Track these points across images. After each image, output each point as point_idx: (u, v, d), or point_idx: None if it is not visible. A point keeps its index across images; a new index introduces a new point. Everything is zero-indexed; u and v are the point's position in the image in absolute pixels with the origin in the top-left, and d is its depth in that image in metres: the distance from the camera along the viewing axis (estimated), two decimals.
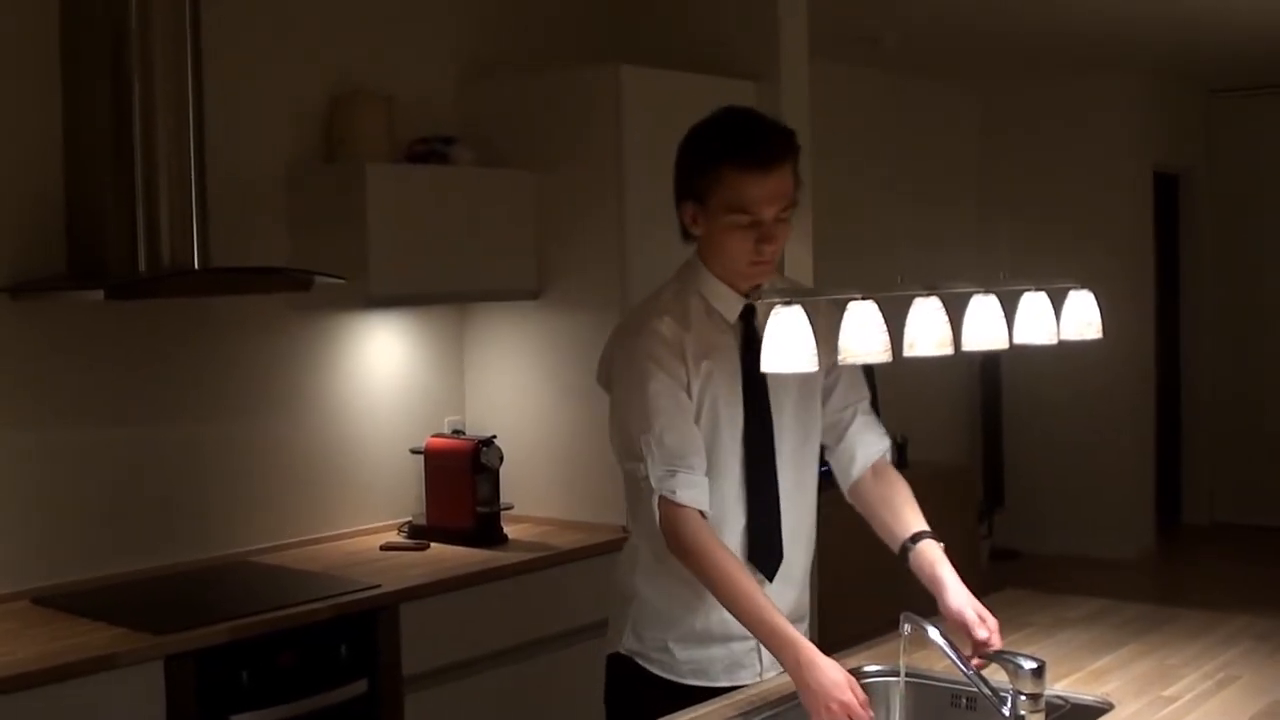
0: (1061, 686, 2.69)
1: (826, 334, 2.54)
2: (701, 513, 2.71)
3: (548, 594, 4.21)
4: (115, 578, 3.95)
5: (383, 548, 4.40)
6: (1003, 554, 8.79)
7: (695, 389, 2.76)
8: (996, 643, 2.69)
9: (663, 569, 2.82)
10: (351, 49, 4.59)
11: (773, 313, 2.31)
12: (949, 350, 2.44)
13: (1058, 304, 2.95)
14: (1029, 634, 3.09)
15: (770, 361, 2.32)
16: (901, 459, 7.75)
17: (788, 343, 2.29)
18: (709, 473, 2.76)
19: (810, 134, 5.13)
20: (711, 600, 2.74)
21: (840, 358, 2.30)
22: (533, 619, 4.17)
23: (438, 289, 4.48)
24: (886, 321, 2.38)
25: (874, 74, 8.03)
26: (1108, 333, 3.04)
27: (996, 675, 2.51)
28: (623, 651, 2.94)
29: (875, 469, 2.99)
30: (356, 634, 3.75)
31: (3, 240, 3.76)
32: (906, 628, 2.59)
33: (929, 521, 2.88)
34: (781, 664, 2.63)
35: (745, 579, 2.68)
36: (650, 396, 2.73)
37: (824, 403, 2.98)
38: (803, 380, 2.84)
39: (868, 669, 2.84)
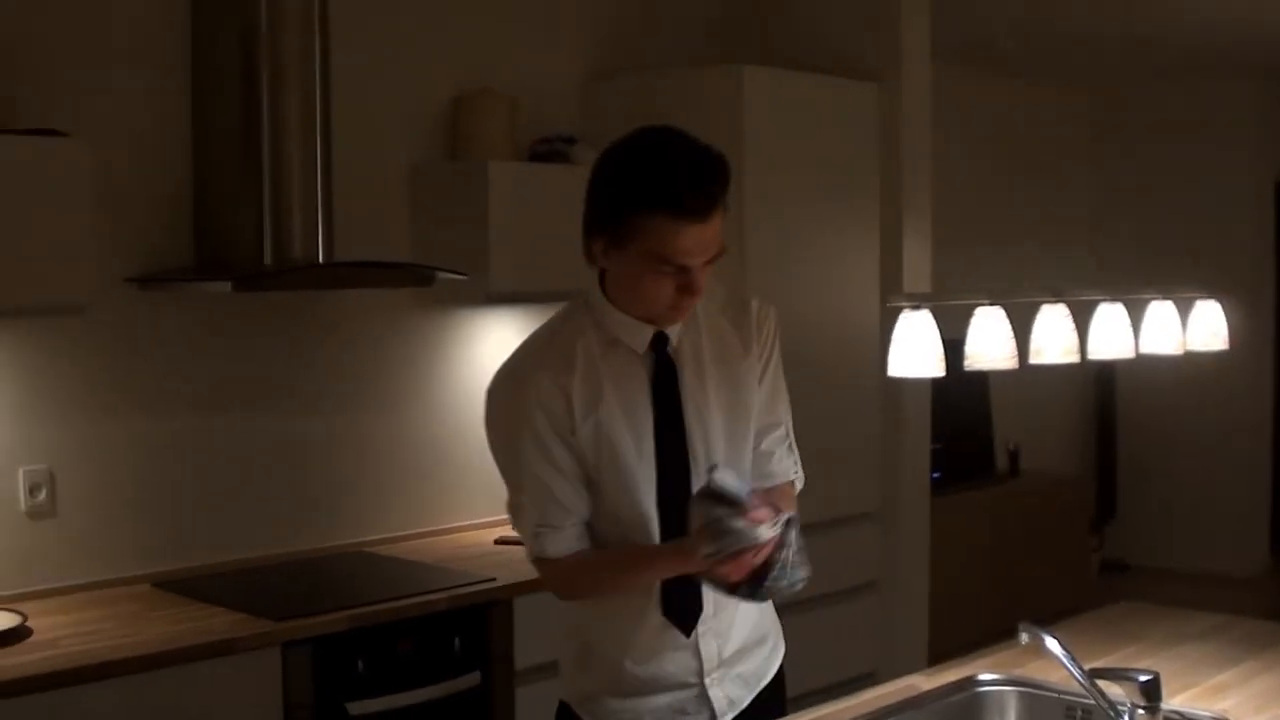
0: (1179, 701, 2.66)
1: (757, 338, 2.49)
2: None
3: None
4: (235, 564, 4.03)
5: (496, 542, 4.44)
6: (1113, 566, 8.68)
7: (583, 438, 2.54)
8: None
9: (596, 610, 2.68)
10: (477, 49, 4.64)
11: (901, 316, 2.31)
12: (1075, 358, 2.41)
13: (1183, 314, 2.91)
14: (1145, 647, 3.06)
15: (897, 365, 2.31)
16: (1013, 469, 7.68)
17: (916, 346, 2.28)
18: (621, 522, 2.58)
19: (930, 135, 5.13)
20: (643, 645, 2.61)
21: (967, 363, 2.29)
22: None
23: (556, 286, 4.47)
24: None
25: (989, 76, 7.96)
26: None
27: (1112, 689, 2.49)
28: (564, 699, 2.74)
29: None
30: (471, 626, 3.79)
31: (133, 233, 3.84)
32: (1024, 637, 2.57)
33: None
34: (678, 568, 2.47)
35: (618, 554, 2.57)
36: (519, 455, 2.55)
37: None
38: (728, 400, 2.61)
39: (982, 678, 2.83)
